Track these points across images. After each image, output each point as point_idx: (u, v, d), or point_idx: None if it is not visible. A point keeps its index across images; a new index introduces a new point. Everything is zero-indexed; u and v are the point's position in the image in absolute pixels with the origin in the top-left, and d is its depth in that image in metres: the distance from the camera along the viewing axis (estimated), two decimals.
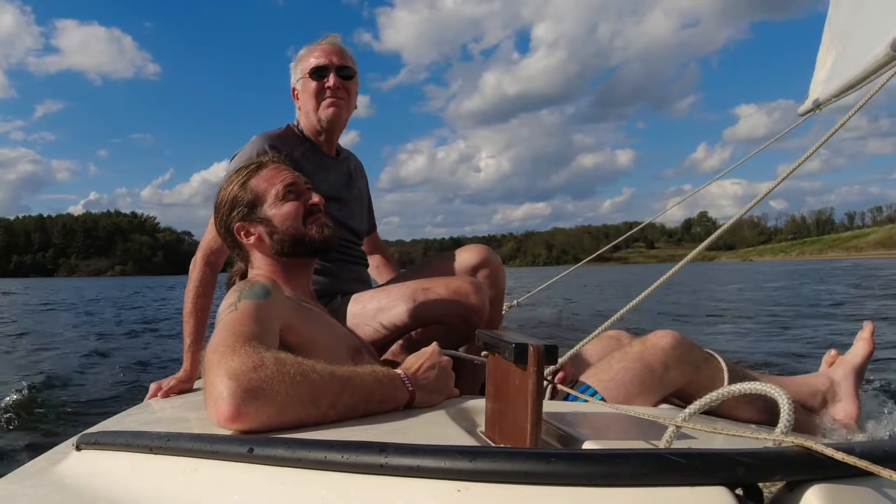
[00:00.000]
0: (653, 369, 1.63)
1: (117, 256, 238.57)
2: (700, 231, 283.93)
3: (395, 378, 1.27)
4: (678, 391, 1.68)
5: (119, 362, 6.19)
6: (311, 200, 1.71)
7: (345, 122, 2.29)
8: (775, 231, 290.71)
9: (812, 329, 7.74)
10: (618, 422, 1.21)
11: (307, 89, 2.21)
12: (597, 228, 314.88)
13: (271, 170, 1.71)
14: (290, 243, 1.66)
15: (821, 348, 2.97)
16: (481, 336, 1.13)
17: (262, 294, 1.36)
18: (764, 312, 10.60)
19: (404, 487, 0.69)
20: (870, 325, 2.07)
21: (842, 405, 1.93)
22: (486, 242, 2.48)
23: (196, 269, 2.02)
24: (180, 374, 1.88)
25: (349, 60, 2.25)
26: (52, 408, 3.82)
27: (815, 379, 1.99)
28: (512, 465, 0.66)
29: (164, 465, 0.87)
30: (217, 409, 1.02)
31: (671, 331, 1.70)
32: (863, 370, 2.02)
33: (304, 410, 1.07)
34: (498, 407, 1.10)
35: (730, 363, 1.72)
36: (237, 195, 1.69)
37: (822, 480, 0.66)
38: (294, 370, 1.08)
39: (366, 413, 1.18)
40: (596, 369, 1.69)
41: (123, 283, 71.82)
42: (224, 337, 1.15)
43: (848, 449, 0.66)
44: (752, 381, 0.85)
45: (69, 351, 7.07)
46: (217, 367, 1.06)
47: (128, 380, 5.13)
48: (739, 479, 0.64)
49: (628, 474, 0.63)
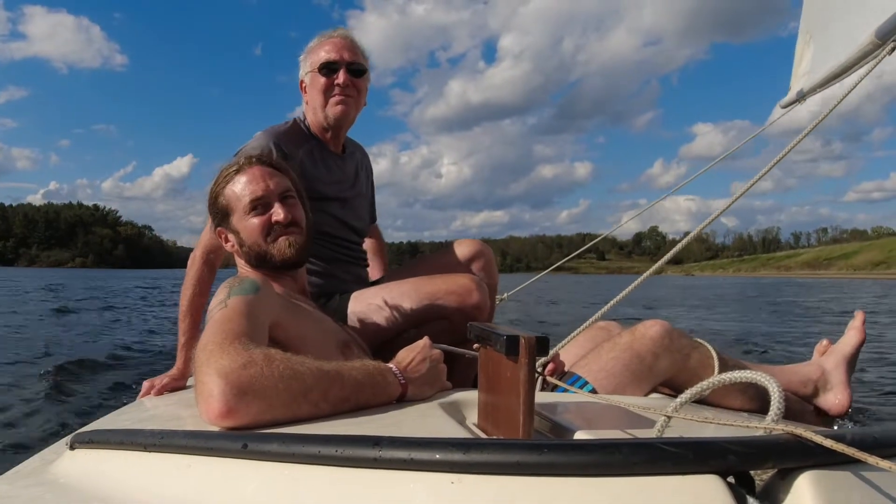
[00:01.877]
0: (643, 359, 1.63)
1: (78, 248, 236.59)
2: (650, 245, 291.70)
3: (387, 372, 1.28)
4: (668, 380, 1.68)
5: (113, 360, 6.16)
6: (275, 217, 1.66)
7: (353, 119, 2.24)
8: (722, 248, 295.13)
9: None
10: (609, 412, 1.21)
11: (316, 84, 2.15)
12: (551, 238, 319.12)
13: (247, 177, 1.67)
14: (255, 258, 1.67)
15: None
16: (473, 329, 1.13)
17: (252, 290, 1.37)
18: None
19: (398, 480, 0.69)
20: (861, 315, 2.08)
21: (833, 393, 1.94)
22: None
23: (194, 266, 2.00)
24: (173, 372, 1.88)
25: (360, 56, 2.19)
26: (45, 406, 3.80)
27: (807, 367, 2.00)
28: (505, 457, 0.66)
29: (158, 463, 0.87)
30: (208, 406, 1.03)
31: (660, 320, 1.71)
32: (854, 359, 2.03)
33: (295, 405, 1.08)
34: (490, 399, 1.10)
35: (719, 351, 1.72)
36: (216, 199, 1.70)
37: (813, 468, 0.67)
38: (283, 366, 1.09)
39: (357, 406, 1.19)
40: (586, 360, 1.70)
41: (86, 274, 71.80)
42: (214, 334, 1.16)
43: (838, 437, 0.67)
44: (742, 370, 0.86)
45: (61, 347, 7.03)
46: (207, 366, 1.07)
47: (121, 377, 5.11)
48: (731, 466, 0.64)
49: (620, 464, 0.64)
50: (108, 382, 4.60)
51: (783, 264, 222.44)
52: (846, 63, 2.02)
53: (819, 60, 2.45)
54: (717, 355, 1.70)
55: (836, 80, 2.25)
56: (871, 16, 1.80)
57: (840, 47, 2.09)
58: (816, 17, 2.62)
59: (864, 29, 1.81)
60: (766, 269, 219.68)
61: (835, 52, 2.17)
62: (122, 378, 4.74)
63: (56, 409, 3.73)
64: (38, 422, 3.40)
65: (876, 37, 1.74)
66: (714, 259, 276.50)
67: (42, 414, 3.58)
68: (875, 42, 1.76)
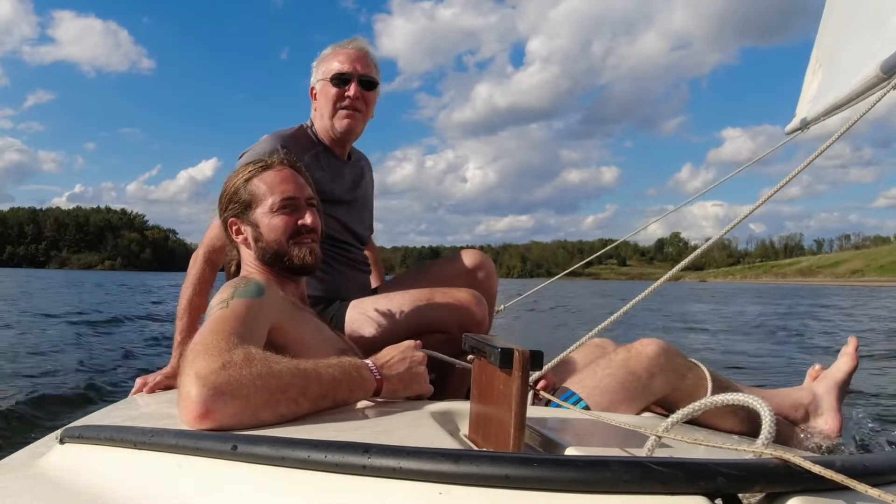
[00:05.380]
0: (637, 377, 1.63)
1: (107, 251, 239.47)
2: (672, 251, 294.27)
3: (362, 367, 1.30)
4: (662, 399, 1.68)
5: (105, 355, 6.15)
6: (303, 220, 1.67)
7: (359, 133, 2.26)
8: (745, 254, 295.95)
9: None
10: (601, 429, 1.21)
11: (326, 94, 2.17)
12: (572, 244, 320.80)
13: (277, 175, 1.67)
14: (271, 255, 1.66)
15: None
16: (468, 340, 1.13)
17: (256, 293, 1.38)
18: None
19: (386, 489, 0.69)
20: (854, 341, 2.07)
21: (824, 419, 1.94)
22: None
23: (195, 266, 2.00)
24: (166, 370, 1.87)
25: (373, 69, 2.20)
26: (34, 401, 3.79)
27: (798, 392, 2.00)
28: (494, 469, 0.66)
29: (147, 461, 0.87)
30: (186, 409, 1.03)
31: (656, 339, 1.71)
32: (846, 385, 2.03)
33: (273, 404, 1.09)
34: (482, 411, 1.10)
35: (714, 373, 1.72)
36: (237, 191, 1.68)
37: (802, 493, 0.67)
38: (261, 365, 1.10)
39: (336, 403, 1.21)
40: (581, 376, 1.69)
41: (118, 277, 72.52)
42: (204, 335, 1.17)
43: (828, 463, 0.67)
44: (734, 393, 0.86)
45: (57, 342, 7.03)
46: (189, 367, 1.08)
47: (113, 374, 5.10)
48: (719, 489, 0.64)
49: (609, 481, 0.64)
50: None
51: (781, 272, 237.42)
52: (849, 95, 2.02)
53: (825, 89, 2.46)
54: (710, 376, 1.70)
55: (839, 110, 2.26)
56: (879, 49, 1.80)
57: (846, 78, 2.09)
58: (828, 46, 2.63)
59: (870, 62, 1.81)
60: (767, 276, 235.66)
61: (840, 82, 2.17)
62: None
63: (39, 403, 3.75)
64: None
65: (881, 70, 1.74)
66: (734, 265, 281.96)
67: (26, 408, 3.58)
68: (880, 76, 1.76)
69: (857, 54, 2.12)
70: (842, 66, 2.31)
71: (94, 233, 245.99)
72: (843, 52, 2.36)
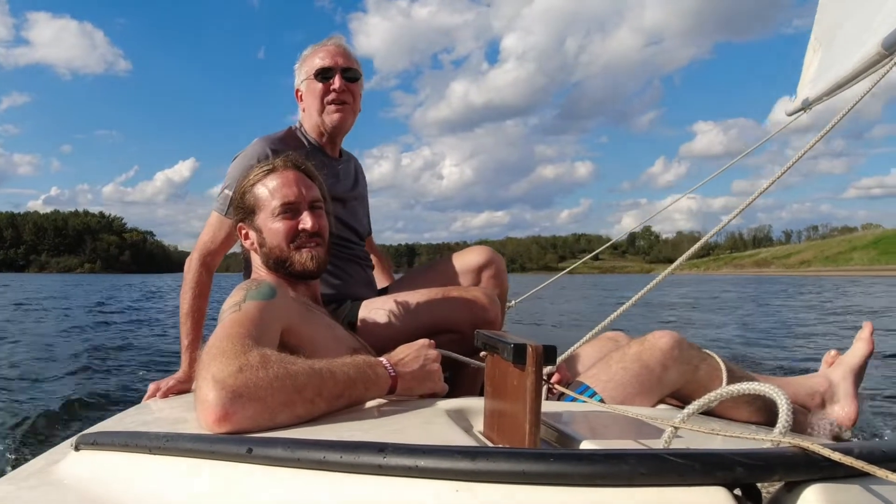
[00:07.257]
0: (651, 369, 1.63)
1: (86, 254, 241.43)
2: (644, 244, 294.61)
3: (377, 365, 1.31)
4: (676, 391, 1.67)
5: (119, 362, 6.19)
6: (302, 225, 1.65)
7: (350, 126, 2.27)
8: (715, 246, 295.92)
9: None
10: (616, 422, 1.21)
11: (312, 91, 2.19)
12: (545, 239, 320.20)
13: (280, 179, 1.67)
14: (274, 261, 1.66)
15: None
16: (480, 336, 1.13)
17: (269, 295, 1.39)
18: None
19: (403, 487, 0.69)
20: (869, 326, 2.05)
21: (840, 406, 1.92)
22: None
23: (192, 270, 2.02)
24: (179, 375, 1.89)
25: (354, 62, 2.22)
26: (49, 408, 3.81)
27: (814, 379, 1.98)
28: (510, 465, 0.66)
29: (163, 466, 0.87)
30: (204, 413, 1.04)
31: (669, 331, 1.70)
32: (862, 371, 2.01)
33: (291, 405, 1.10)
34: (496, 407, 1.10)
35: (728, 363, 1.71)
36: (244, 195, 1.69)
37: (821, 481, 0.66)
38: (277, 368, 1.11)
39: (351, 402, 1.22)
40: (595, 370, 1.69)
41: (97, 279, 73.06)
42: (219, 339, 1.18)
43: (846, 450, 0.66)
44: (750, 382, 0.85)
45: (67, 350, 7.07)
46: (205, 371, 1.09)
47: (126, 380, 5.13)
48: (738, 479, 0.64)
49: (626, 474, 0.63)
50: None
51: (741, 263, 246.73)
52: (851, 73, 2.01)
53: (825, 69, 2.44)
54: (725, 367, 1.69)
55: (841, 89, 2.24)
56: (880, 26, 1.79)
57: (846, 56, 2.08)
58: (827, 25, 2.62)
59: (871, 39, 1.80)
60: (727, 268, 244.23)
61: (841, 61, 2.16)
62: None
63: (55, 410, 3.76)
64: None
65: (882, 47, 1.73)
66: (703, 257, 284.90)
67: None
68: (881, 52, 1.75)
69: (856, 32, 2.10)
70: (842, 45, 2.30)
71: (73, 236, 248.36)
72: (843, 30, 2.34)
